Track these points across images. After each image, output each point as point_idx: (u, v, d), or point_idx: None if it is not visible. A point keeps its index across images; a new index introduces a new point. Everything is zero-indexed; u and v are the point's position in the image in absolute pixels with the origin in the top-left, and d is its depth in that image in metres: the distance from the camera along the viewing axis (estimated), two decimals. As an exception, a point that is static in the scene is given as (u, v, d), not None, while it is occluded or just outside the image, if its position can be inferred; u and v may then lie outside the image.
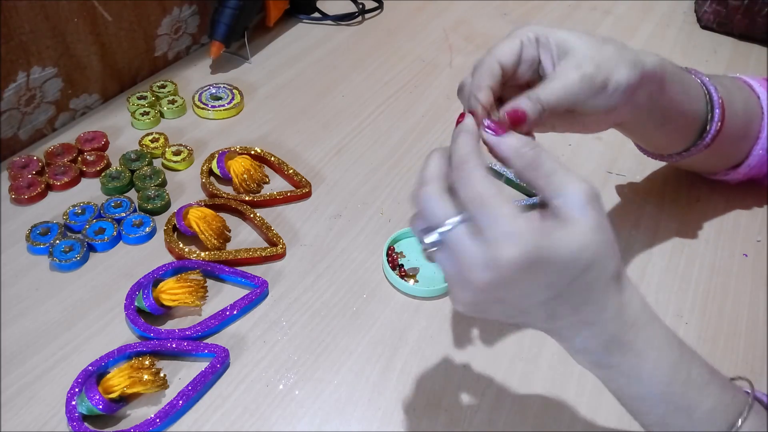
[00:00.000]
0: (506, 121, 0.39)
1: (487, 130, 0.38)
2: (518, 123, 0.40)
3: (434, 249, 0.35)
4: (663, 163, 0.70)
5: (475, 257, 0.33)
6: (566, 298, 0.34)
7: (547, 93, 0.42)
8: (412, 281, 0.56)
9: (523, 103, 0.41)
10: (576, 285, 0.34)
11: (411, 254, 0.59)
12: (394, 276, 0.56)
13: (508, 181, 0.65)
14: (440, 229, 0.34)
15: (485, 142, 0.38)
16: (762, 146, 0.58)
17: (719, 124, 0.53)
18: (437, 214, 0.35)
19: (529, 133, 0.41)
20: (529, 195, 0.65)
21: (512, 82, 0.45)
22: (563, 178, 0.35)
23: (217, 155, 0.66)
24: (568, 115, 0.46)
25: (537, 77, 0.45)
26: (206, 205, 0.61)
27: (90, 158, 0.67)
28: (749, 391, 0.38)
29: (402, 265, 0.58)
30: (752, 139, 0.58)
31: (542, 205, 0.36)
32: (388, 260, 0.57)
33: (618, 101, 0.45)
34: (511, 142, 0.37)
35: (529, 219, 0.33)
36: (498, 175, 0.66)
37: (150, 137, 0.70)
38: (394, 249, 0.59)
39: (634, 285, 0.37)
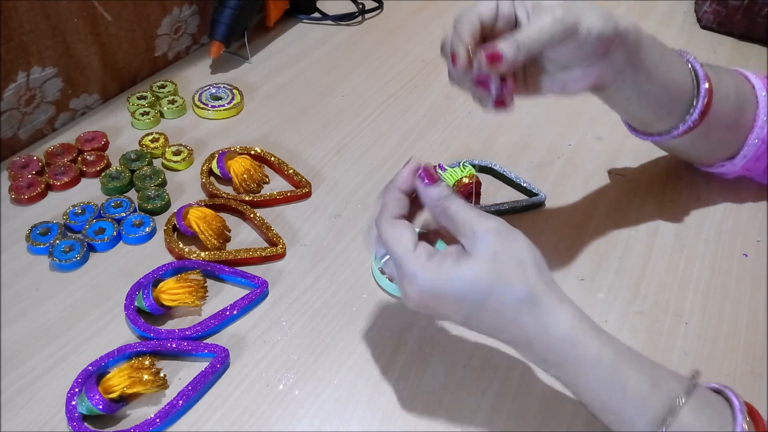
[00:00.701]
0: (430, 173, 0.43)
1: (419, 176, 0.43)
2: (496, 61, 0.45)
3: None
4: (663, 164, 0.70)
5: (400, 285, 0.42)
6: (480, 320, 0.41)
7: (522, 35, 0.45)
8: None
9: (501, 44, 0.45)
10: (483, 311, 0.40)
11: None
12: (383, 279, 0.56)
13: (519, 188, 0.65)
14: (381, 261, 0.43)
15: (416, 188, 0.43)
16: (758, 136, 0.58)
17: (706, 100, 0.53)
18: (375, 249, 0.44)
19: (508, 75, 0.48)
20: (530, 195, 0.65)
21: (490, 38, 0.47)
22: (466, 223, 0.40)
23: (217, 155, 0.66)
24: (549, 73, 0.50)
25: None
26: (206, 205, 0.61)
27: (90, 158, 0.67)
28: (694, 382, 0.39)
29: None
30: (747, 129, 0.58)
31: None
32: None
33: (592, 51, 0.47)
34: (430, 193, 0.42)
35: (427, 260, 0.40)
36: (510, 181, 0.66)
37: (150, 137, 0.70)
38: None
39: (563, 306, 0.40)
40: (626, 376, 0.38)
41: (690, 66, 0.54)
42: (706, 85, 0.53)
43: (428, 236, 0.45)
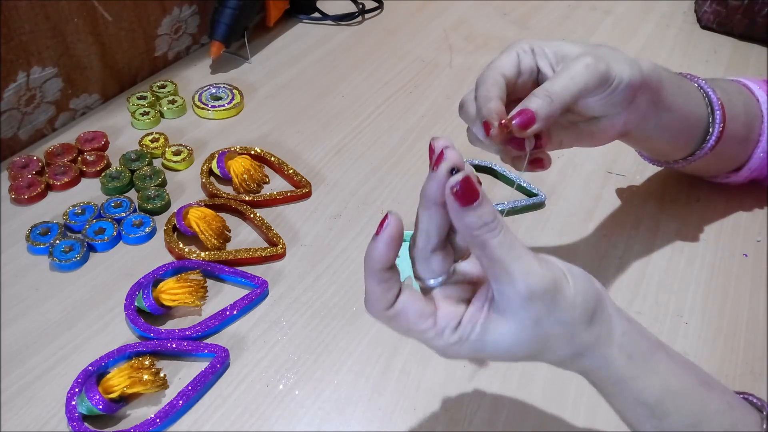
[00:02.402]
0: (476, 193, 0.32)
1: (454, 193, 0.32)
2: (528, 126, 0.41)
3: None
4: (663, 163, 0.70)
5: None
6: (535, 360, 0.36)
7: (554, 85, 0.42)
8: None
9: (532, 102, 0.41)
10: (528, 358, 0.35)
11: (403, 259, 0.59)
12: None
13: (519, 188, 0.65)
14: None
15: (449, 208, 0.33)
16: (763, 149, 0.58)
17: (721, 126, 0.53)
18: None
19: (543, 135, 0.43)
20: (529, 195, 0.65)
21: (514, 96, 0.45)
22: (509, 274, 0.32)
23: (217, 155, 0.66)
24: (575, 126, 0.47)
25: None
26: (206, 205, 0.61)
27: (90, 158, 0.67)
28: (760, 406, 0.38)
29: None
30: (753, 142, 0.58)
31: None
32: None
33: (622, 99, 0.46)
34: (468, 221, 0.32)
35: (452, 334, 0.34)
36: (510, 181, 0.66)
37: (150, 137, 0.70)
38: None
39: (612, 343, 0.35)
40: (666, 414, 0.36)
41: (702, 92, 0.54)
42: (720, 111, 0.53)
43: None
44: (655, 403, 0.36)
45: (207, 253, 0.58)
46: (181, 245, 0.58)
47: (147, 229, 0.60)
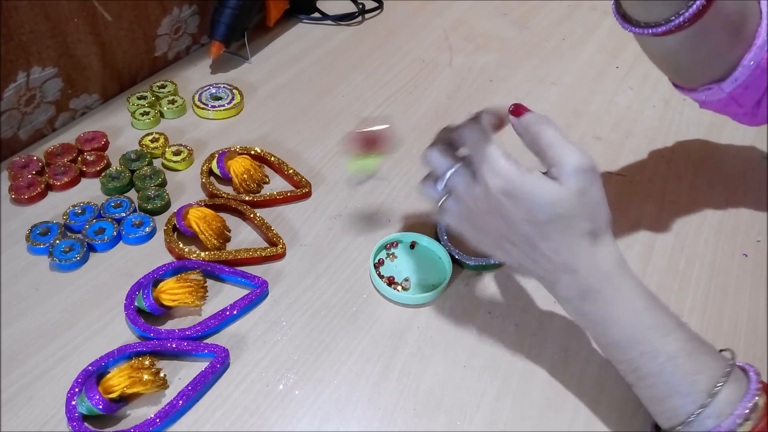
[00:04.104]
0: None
1: (510, 113, 0.45)
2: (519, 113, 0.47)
3: (444, 198, 0.46)
4: (663, 164, 0.70)
5: (470, 190, 0.44)
6: (543, 237, 0.42)
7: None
8: (399, 288, 0.56)
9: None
10: (550, 227, 0.42)
11: (402, 260, 0.59)
12: (381, 284, 0.55)
13: None
14: (443, 177, 0.46)
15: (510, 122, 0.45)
16: (755, 58, 0.51)
17: None
18: (439, 164, 0.46)
19: None
20: None
21: None
22: (559, 151, 0.42)
23: (217, 155, 0.66)
24: None
25: None
26: (206, 205, 0.61)
27: (90, 158, 0.67)
28: (730, 359, 0.43)
29: (382, 274, 0.57)
30: (744, 43, 0.51)
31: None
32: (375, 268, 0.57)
33: None
34: (522, 120, 0.44)
35: (514, 163, 0.42)
36: None
37: (150, 137, 0.70)
38: (383, 261, 0.59)
39: (614, 246, 0.43)
40: (657, 311, 0.43)
41: None
42: None
43: None
44: (646, 300, 0.43)
45: (207, 253, 0.58)
46: (181, 245, 0.58)
47: (147, 229, 0.60)
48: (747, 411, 0.39)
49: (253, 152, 0.68)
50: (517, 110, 0.45)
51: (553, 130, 0.43)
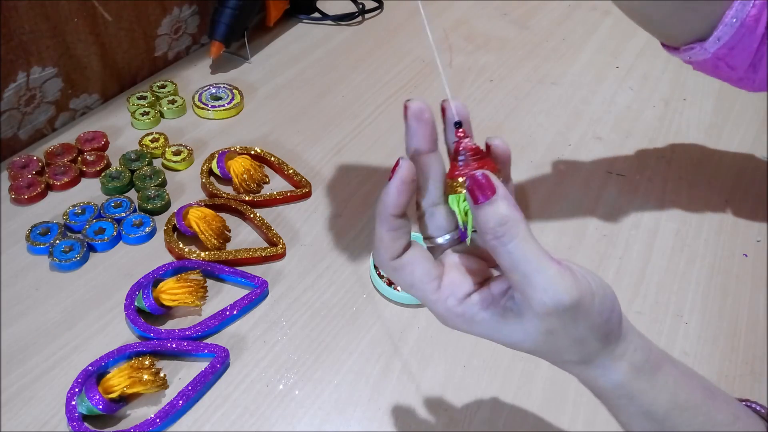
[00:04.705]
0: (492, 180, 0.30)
1: (468, 188, 0.30)
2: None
3: None
4: (663, 164, 0.70)
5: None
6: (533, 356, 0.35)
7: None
8: (399, 288, 0.56)
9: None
10: (535, 353, 0.34)
11: None
12: (381, 284, 0.56)
13: None
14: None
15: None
16: (737, 15, 0.47)
17: None
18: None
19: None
20: None
21: None
22: (528, 280, 0.29)
23: (217, 155, 0.66)
24: None
25: None
26: (206, 205, 0.61)
27: (90, 158, 0.67)
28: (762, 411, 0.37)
29: (382, 274, 0.57)
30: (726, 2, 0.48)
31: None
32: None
33: None
34: (486, 218, 0.29)
35: (459, 305, 0.32)
36: None
37: (150, 137, 0.70)
38: None
39: (624, 359, 0.34)
40: (677, 421, 0.35)
41: None
42: None
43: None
44: (663, 418, 0.35)
45: (207, 253, 0.58)
46: (181, 245, 0.58)
47: (147, 229, 0.60)
48: None
49: (253, 152, 0.68)
50: (476, 192, 0.30)
51: (519, 243, 0.29)
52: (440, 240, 0.34)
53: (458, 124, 0.32)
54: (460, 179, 0.31)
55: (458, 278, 0.32)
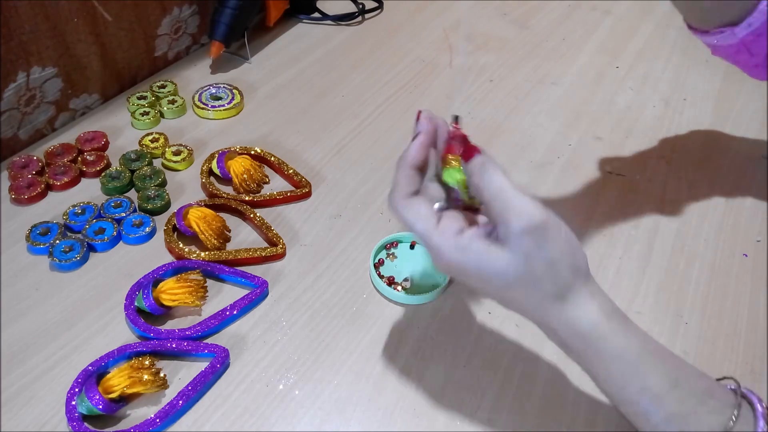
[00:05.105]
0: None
1: (450, 143, 0.41)
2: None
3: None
4: (663, 164, 0.70)
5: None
6: (507, 302, 0.40)
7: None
8: (399, 288, 0.56)
9: None
10: (510, 294, 0.39)
11: (402, 260, 0.59)
12: (381, 284, 0.56)
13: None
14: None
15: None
16: None
17: None
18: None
19: None
20: None
21: None
22: (504, 206, 0.37)
23: (217, 155, 0.66)
24: None
25: None
26: (206, 205, 0.61)
27: (90, 158, 0.67)
28: (735, 389, 0.40)
29: (382, 274, 0.57)
30: None
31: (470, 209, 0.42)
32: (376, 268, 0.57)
33: None
34: (468, 167, 0.39)
35: (454, 236, 0.38)
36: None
37: (150, 137, 0.70)
38: (383, 261, 0.59)
39: (592, 302, 0.39)
40: (647, 373, 0.39)
41: None
42: None
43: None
44: (635, 361, 0.38)
45: (207, 253, 0.58)
46: (181, 245, 0.58)
47: (147, 229, 0.60)
48: None
49: (253, 152, 0.68)
50: (468, 152, 0.40)
51: (499, 177, 0.37)
52: (435, 206, 0.40)
53: (456, 118, 0.42)
54: (451, 156, 0.41)
55: (453, 219, 0.40)
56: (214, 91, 0.77)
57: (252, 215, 0.61)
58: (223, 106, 0.75)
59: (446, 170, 0.41)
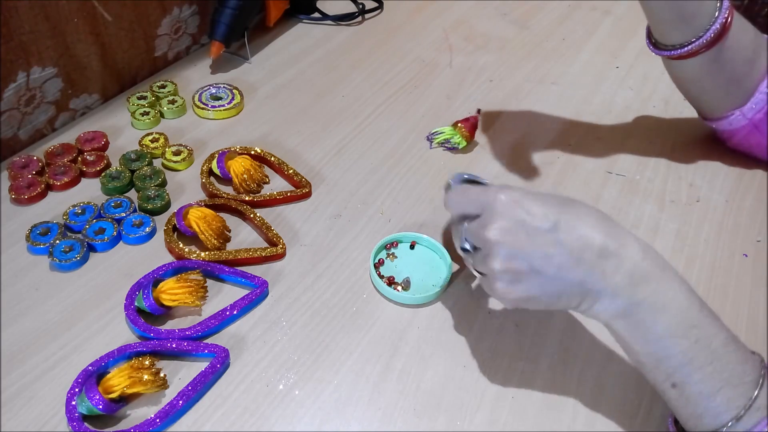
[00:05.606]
0: None
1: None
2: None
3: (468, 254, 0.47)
4: (663, 164, 0.70)
5: (482, 223, 0.43)
6: (568, 225, 0.41)
7: None
8: (399, 288, 0.56)
9: None
10: (568, 213, 0.41)
11: (402, 260, 0.59)
12: (382, 284, 0.56)
13: None
14: (462, 237, 0.47)
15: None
16: None
17: (726, 15, 0.55)
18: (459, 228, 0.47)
19: None
20: None
21: None
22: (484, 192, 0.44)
23: (217, 155, 0.66)
24: None
25: None
26: (206, 205, 0.61)
27: (90, 158, 0.67)
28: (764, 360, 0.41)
29: (382, 274, 0.57)
30: (758, 74, 0.59)
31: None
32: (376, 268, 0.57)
33: None
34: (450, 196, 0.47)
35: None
36: None
37: (150, 137, 0.70)
38: (383, 261, 0.59)
39: (636, 245, 0.41)
40: (700, 300, 0.42)
41: None
42: (728, 4, 0.55)
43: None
44: (689, 290, 0.41)
45: (207, 253, 0.58)
46: (181, 245, 0.58)
47: (147, 229, 0.60)
48: None
49: (253, 152, 0.68)
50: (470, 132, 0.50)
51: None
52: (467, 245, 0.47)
53: (479, 111, 0.55)
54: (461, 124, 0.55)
55: None
56: (214, 91, 0.77)
57: (252, 215, 0.61)
58: (223, 106, 0.75)
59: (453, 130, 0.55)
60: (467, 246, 0.46)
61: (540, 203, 0.41)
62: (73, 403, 0.47)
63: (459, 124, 0.50)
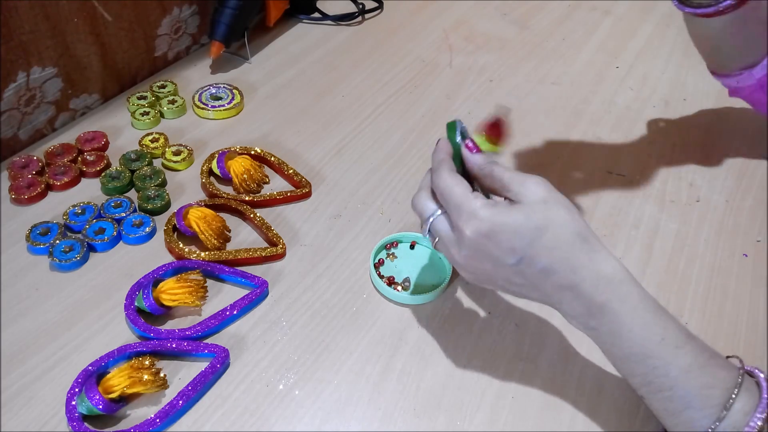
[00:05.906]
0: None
1: (466, 146, 0.46)
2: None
3: (434, 240, 0.45)
4: (663, 164, 0.70)
5: (451, 239, 0.44)
6: (532, 262, 0.41)
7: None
8: (399, 288, 0.56)
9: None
10: (537, 245, 0.41)
11: (402, 260, 0.59)
12: (381, 284, 0.56)
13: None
14: (427, 222, 0.45)
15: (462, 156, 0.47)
16: None
17: None
18: (422, 210, 0.46)
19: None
20: None
21: None
22: (513, 179, 0.43)
23: (217, 155, 0.66)
24: None
25: None
26: (206, 205, 0.61)
27: (90, 158, 0.67)
28: (740, 367, 0.42)
29: (382, 274, 0.57)
30: None
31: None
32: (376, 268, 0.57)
33: None
34: (477, 159, 0.46)
35: (484, 201, 0.42)
36: None
37: (150, 137, 0.70)
38: (383, 261, 0.59)
39: (610, 253, 0.42)
40: (666, 323, 0.41)
41: None
42: None
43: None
44: (656, 310, 0.41)
45: (207, 253, 0.58)
46: (181, 245, 0.58)
47: (147, 229, 0.60)
48: (761, 422, 0.38)
49: (253, 152, 0.68)
50: (493, 131, 0.48)
51: (503, 166, 0.44)
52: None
53: (501, 112, 0.48)
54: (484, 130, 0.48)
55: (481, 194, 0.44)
56: (214, 91, 0.77)
57: (252, 215, 0.61)
58: (223, 106, 0.75)
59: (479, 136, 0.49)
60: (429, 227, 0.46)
61: (510, 236, 0.41)
62: (73, 403, 0.47)
63: (484, 133, 0.48)
